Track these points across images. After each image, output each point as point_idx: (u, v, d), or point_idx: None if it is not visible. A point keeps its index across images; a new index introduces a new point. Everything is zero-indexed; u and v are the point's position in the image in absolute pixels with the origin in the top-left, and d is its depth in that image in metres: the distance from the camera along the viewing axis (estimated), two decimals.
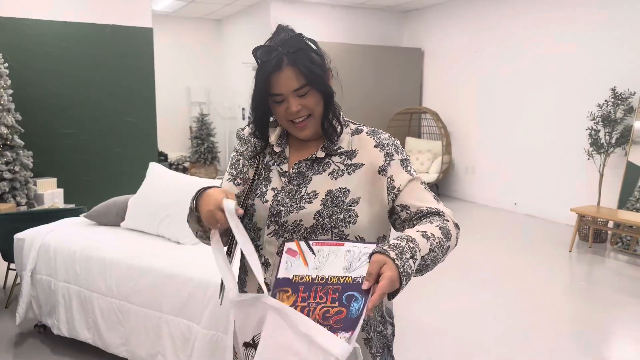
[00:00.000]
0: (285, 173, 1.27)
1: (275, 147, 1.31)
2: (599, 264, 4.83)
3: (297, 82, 1.18)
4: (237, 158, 1.35)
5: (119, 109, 6.26)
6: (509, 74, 6.78)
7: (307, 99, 1.20)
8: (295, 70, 1.18)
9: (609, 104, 5.26)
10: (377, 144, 1.26)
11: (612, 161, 5.38)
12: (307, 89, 1.19)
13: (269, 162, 1.31)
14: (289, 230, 1.20)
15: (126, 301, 2.64)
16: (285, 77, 1.18)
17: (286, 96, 1.19)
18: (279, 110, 1.22)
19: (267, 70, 1.19)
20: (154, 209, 2.95)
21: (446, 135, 7.50)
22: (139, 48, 6.32)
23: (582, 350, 3.14)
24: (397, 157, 1.25)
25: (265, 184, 1.28)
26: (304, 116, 1.21)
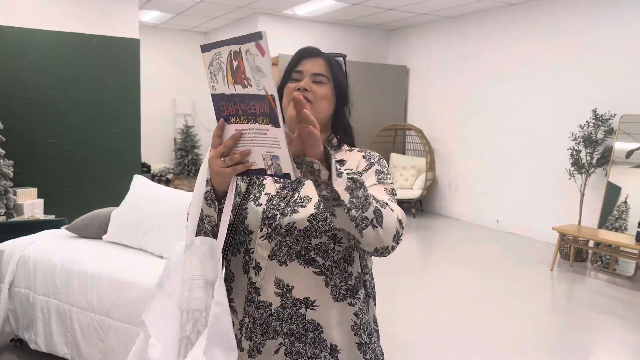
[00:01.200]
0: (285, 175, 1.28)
1: None
2: (580, 283, 4.88)
3: (321, 69, 1.26)
4: None
5: (103, 119, 6.21)
6: (492, 93, 6.88)
7: (319, 88, 1.25)
8: (324, 62, 1.28)
9: (590, 125, 5.37)
10: (364, 155, 1.30)
11: (592, 181, 5.48)
12: (325, 80, 1.26)
13: None
14: (282, 233, 1.19)
15: (106, 316, 2.60)
16: (313, 62, 1.27)
17: (304, 75, 1.25)
18: (289, 87, 1.26)
19: (302, 54, 1.29)
20: (137, 222, 2.92)
21: (430, 152, 7.56)
22: (126, 59, 6.29)
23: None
24: (375, 167, 1.27)
25: (259, 189, 1.29)
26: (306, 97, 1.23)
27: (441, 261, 5.54)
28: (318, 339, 1.19)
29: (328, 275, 1.20)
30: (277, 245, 1.20)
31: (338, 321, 1.20)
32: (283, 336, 1.19)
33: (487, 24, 6.94)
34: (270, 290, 1.20)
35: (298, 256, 1.19)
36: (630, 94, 5.26)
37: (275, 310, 1.19)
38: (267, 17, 7.79)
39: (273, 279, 1.20)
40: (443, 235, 6.66)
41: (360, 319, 1.23)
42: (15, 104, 5.66)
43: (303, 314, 1.19)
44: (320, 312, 1.19)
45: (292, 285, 1.19)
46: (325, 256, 1.19)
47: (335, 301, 1.20)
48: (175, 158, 9.35)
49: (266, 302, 1.20)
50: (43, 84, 5.83)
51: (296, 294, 1.19)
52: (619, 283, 4.79)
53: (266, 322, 1.20)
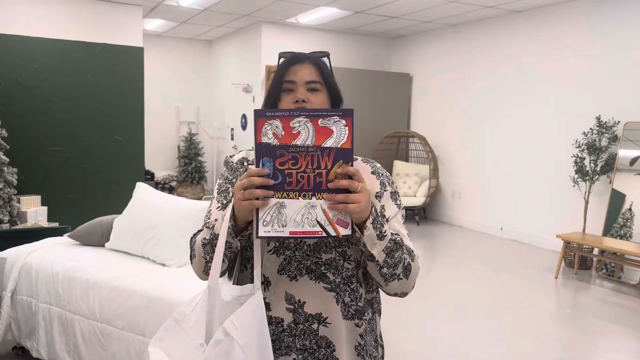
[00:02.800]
0: None
1: None
2: (585, 291, 4.84)
3: (312, 76, 1.23)
4: (225, 186, 1.31)
5: (107, 127, 6.23)
6: (495, 100, 6.88)
7: (315, 96, 1.23)
8: (313, 67, 1.25)
9: (594, 132, 5.35)
10: (373, 171, 1.28)
11: (597, 188, 5.45)
12: (318, 86, 1.24)
13: None
14: (291, 248, 1.18)
15: (108, 324, 2.59)
16: (302, 69, 1.23)
17: (298, 86, 1.22)
18: (285, 100, 1.23)
19: (288, 62, 1.25)
20: (140, 230, 2.92)
21: (433, 159, 7.55)
22: (129, 67, 6.31)
23: None
24: (389, 189, 1.27)
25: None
26: None
27: (445, 269, 5.51)
28: (331, 356, 1.18)
29: (338, 292, 1.19)
30: (285, 259, 1.18)
31: (346, 339, 1.20)
32: (296, 352, 1.18)
33: (490, 31, 6.95)
34: (282, 306, 1.18)
35: (308, 271, 1.18)
36: (634, 101, 5.24)
37: (288, 326, 1.18)
38: (271, 26, 7.82)
39: (283, 295, 1.18)
40: (447, 243, 6.64)
41: (365, 340, 1.23)
42: (20, 112, 5.69)
43: (315, 330, 1.18)
44: (332, 329, 1.18)
45: (303, 301, 1.18)
46: (335, 272, 1.18)
47: (344, 319, 1.20)
48: (179, 165, 9.36)
49: (278, 318, 1.18)
50: (47, 92, 5.86)
51: (308, 310, 1.18)
52: (624, 291, 4.76)
53: (278, 338, 1.18)
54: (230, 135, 9.26)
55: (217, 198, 1.31)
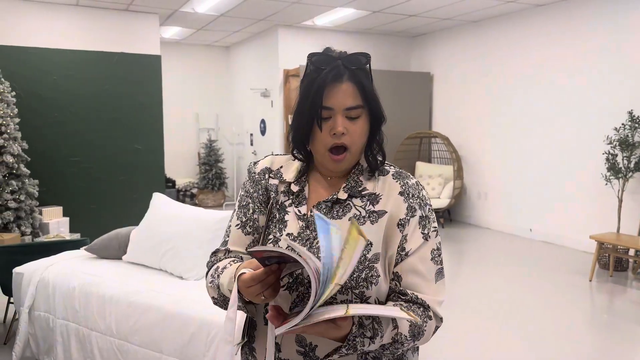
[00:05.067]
0: (303, 216, 1.13)
1: (293, 185, 1.17)
2: (621, 294, 4.62)
3: (353, 100, 1.07)
4: (246, 200, 1.21)
5: (127, 136, 6.22)
6: (520, 97, 6.67)
7: (355, 125, 1.08)
8: (354, 88, 1.07)
9: (626, 127, 5.12)
10: (402, 190, 1.12)
11: (631, 186, 5.21)
12: (359, 112, 1.08)
13: (285, 202, 1.16)
14: (304, 284, 1.06)
15: (125, 340, 2.51)
16: (342, 91, 1.06)
17: (336, 113, 1.07)
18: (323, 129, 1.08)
19: (324, 80, 1.06)
20: (157, 242, 2.84)
21: (457, 159, 7.37)
22: (147, 75, 6.30)
23: None
24: (418, 213, 1.11)
25: (280, 228, 1.13)
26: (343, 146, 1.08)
27: (473, 273, 5.33)
28: None
29: None
30: (299, 297, 1.06)
31: None
32: None
33: (513, 26, 6.74)
34: (292, 348, 1.07)
35: None
36: None
37: None
38: (287, 29, 7.74)
39: (294, 336, 1.07)
40: (474, 246, 6.44)
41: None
42: (39, 124, 5.71)
43: None
44: None
45: (315, 344, 1.06)
46: None
47: None
48: (199, 172, 9.34)
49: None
50: (66, 103, 5.87)
51: (320, 354, 1.05)
52: None
53: None
54: (250, 140, 9.21)
55: (237, 213, 1.21)
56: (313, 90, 1.07)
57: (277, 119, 8.05)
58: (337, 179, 1.17)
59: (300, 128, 1.11)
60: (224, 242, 1.21)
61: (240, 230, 1.18)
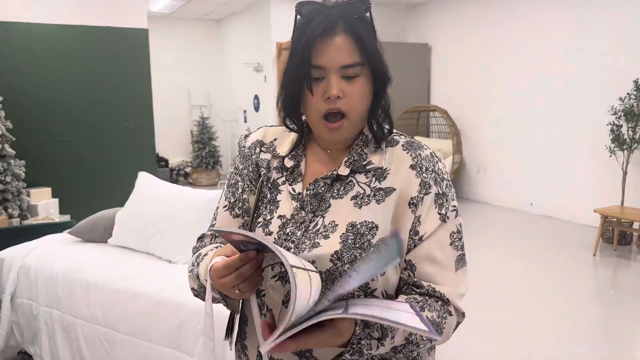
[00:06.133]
0: (297, 195, 0.97)
1: (287, 160, 1.01)
2: (626, 269, 4.52)
3: (350, 57, 0.89)
4: (235, 178, 1.06)
5: (116, 114, 6.01)
6: (522, 68, 6.46)
7: (352, 86, 0.90)
8: (350, 41, 0.90)
9: (631, 97, 4.94)
10: (414, 163, 0.95)
11: (636, 158, 5.06)
12: (358, 71, 0.90)
13: (277, 179, 1.00)
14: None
15: (112, 329, 2.37)
16: (335, 46, 0.89)
17: (329, 72, 0.89)
18: (314, 92, 0.90)
19: (314, 32, 0.88)
20: (143, 224, 2.68)
21: (456, 133, 7.20)
22: (135, 50, 6.07)
23: None
24: (434, 190, 0.94)
25: (271, 209, 0.98)
26: (339, 112, 0.90)
27: (473, 248, 5.20)
28: None
29: None
30: None
31: None
32: None
33: None
34: None
35: None
36: None
37: None
38: (280, 1, 7.46)
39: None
40: (474, 221, 6.32)
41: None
42: (24, 102, 5.49)
43: None
44: None
45: None
46: None
47: None
48: (192, 151, 9.15)
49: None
50: (51, 80, 5.64)
51: (318, 355, 0.91)
52: None
53: None
54: (244, 117, 9.00)
55: (225, 193, 1.07)
56: (300, 46, 0.89)
57: (271, 94, 7.83)
58: (338, 152, 1.00)
59: (290, 92, 0.94)
60: (211, 225, 1.09)
61: (228, 212, 1.05)
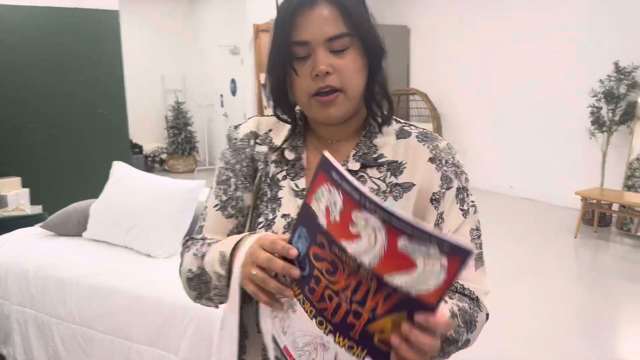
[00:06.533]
0: (301, 192, 0.88)
1: (287, 152, 0.91)
2: (605, 250, 4.56)
3: (335, 27, 0.80)
4: (226, 174, 0.94)
5: (87, 99, 5.78)
6: (503, 50, 6.42)
7: (343, 60, 0.81)
8: (334, 10, 0.81)
9: (611, 79, 4.95)
10: (433, 156, 0.88)
11: (615, 140, 5.08)
12: (347, 42, 0.81)
13: (277, 174, 0.91)
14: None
15: (89, 327, 2.26)
16: (317, 18, 0.80)
17: (314, 47, 0.81)
18: (300, 72, 0.81)
19: (292, 5, 0.81)
20: (120, 217, 2.55)
21: (436, 117, 7.15)
22: (105, 33, 5.84)
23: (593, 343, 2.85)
24: (455, 184, 0.88)
25: (273, 208, 0.88)
26: (331, 89, 0.81)
27: None
28: None
29: None
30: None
31: None
32: None
33: None
34: None
35: None
36: None
37: None
38: None
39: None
40: None
41: None
42: None
43: None
44: None
45: None
46: None
47: None
48: (168, 137, 8.93)
49: None
50: (18, 66, 5.38)
51: None
52: None
53: None
54: (220, 101, 8.80)
55: (215, 191, 0.95)
56: (279, 22, 0.81)
57: (248, 78, 7.65)
58: (342, 143, 0.90)
59: (276, 77, 0.85)
60: (200, 227, 0.97)
61: (220, 213, 0.94)
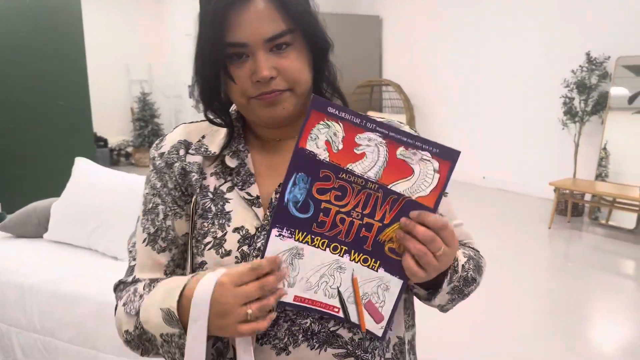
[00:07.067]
0: (257, 199, 0.76)
1: (228, 159, 0.78)
2: (579, 240, 4.59)
3: (274, 25, 0.70)
4: (153, 201, 0.81)
5: (47, 91, 5.50)
6: (475, 40, 6.40)
7: (287, 59, 0.72)
8: (270, 5, 0.70)
9: (583, 69, 4.97)
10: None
11: (587, 130, 5.12)
12: (289, 39, 0.72)
13: (220, 186, 0.78)
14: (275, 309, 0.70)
15: (52, 337, 2.10)
16: (253, 15, 0.70)
17: (253, 49, 0.70)
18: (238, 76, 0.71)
19: (223, 2, 0.69)
20: (83, 216, 2.38)
21: (409, 108, 7.11)
22: (66, 21, 5.56)
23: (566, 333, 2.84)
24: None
25: (221, 224, 0.76)
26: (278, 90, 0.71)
27: None
28: None
29: (359, 356, 0.74)
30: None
31: None
32: None
33: None
34: None
35: (307, 336, 0.72)
36: (627, 34, 4.85)
37: None
38: None
39: None
40: None
41: None
42: None
43: None
44: None
45: None
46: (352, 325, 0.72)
47: None
48: (134, 129, 8.64)
49: None
50: None
51: None
52: (620, 237, 4.50)
53: None
54: (188, 92, 8.56)
55: (143, 222, 0.83)
56: (208, 20, 0.71)
57: None
58: (290, 142, 0.79)
59: (206, 81, 0.74)
60: (129, 268, 0.83)
61: (149, 248, 0.81)
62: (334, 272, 0.68)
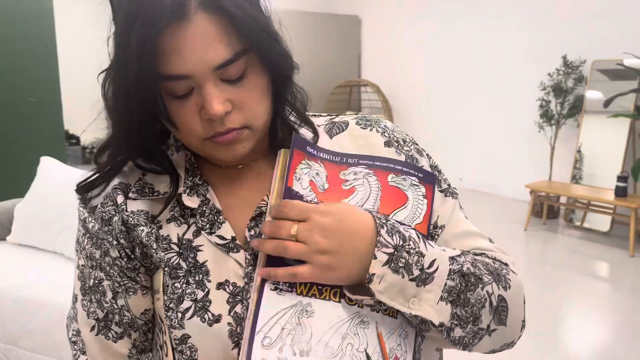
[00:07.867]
0: (233, 242, 0.63)
1: (185, 198, 0.65)
2: (554, 242, 4.63)
3: (223, 48, 0.55)
4: (94, 277, 0.66)
5: (17, 86, 5.31)
6: (453, 43, 6.42)
7: (242, 89, 0.58)
8: (216, 21, 0.55)
9: (560, 72, 5.01)
10: (388, 139, 0.69)
11: (563, 133, 5.17)
12: (240, 64, 0.57)
13: (183, 234, 0.64)
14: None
15: (14, 345, 2.01)
16: (195, 37, 0.54)
17: (198, 82, 0.57)
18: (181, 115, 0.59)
19: (152, 21, 0.52)
20: (49, 218, 2.29)
21: (388, 109, 7.10)
22: (36, 13, 5.38)
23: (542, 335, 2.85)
24: (424, 163, 0.72)
25: (198, 282, 0.62)
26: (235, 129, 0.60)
27: None
28: None
29: None
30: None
31: None
32: None
33: None
34: None
35: None
36: (602, 38, 4.90)
37: None
38: None
39: None
40: None
41: None
42: None
43: None
44: None
45: None
46: None
47: None
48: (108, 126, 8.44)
49: None
50: None
51: None
52: (594, 239, 4.55)
53: None
54: None
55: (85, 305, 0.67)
56: (133, 43, 0.54)
57: None
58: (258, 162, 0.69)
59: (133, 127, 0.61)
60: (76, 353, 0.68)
61: (102, 337, 0.66)
62: (358, 330, 0.57)
